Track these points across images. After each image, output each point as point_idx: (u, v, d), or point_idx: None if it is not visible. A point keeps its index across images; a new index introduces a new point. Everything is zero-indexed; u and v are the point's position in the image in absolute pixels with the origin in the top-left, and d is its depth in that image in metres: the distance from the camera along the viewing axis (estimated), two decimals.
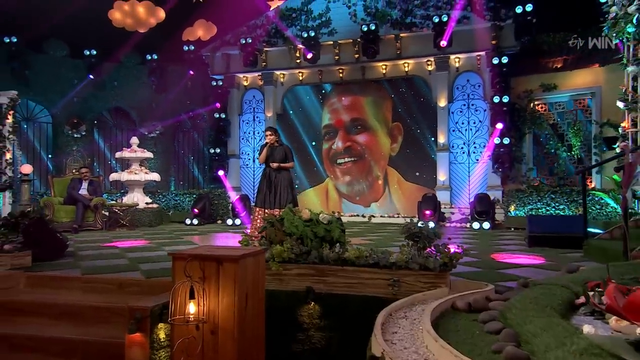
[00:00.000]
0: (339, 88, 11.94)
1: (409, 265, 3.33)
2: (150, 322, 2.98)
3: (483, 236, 7.59)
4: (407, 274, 3.33)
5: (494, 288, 3.13)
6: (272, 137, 7.08)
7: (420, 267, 3.30)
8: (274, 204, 6.95)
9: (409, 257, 3.41)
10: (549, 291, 2.73)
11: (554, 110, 10.20)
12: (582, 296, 2.75)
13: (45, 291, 4.31)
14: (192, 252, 2.92)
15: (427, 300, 3.00)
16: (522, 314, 2.30)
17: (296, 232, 4.01)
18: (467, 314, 2.67)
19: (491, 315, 2.46)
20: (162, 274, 4.24)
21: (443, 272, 3.26)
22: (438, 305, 2.57)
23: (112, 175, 10.16)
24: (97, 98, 12.23)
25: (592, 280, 3.05)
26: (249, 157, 12.75)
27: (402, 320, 2.53)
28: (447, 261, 3.26)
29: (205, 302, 2.79)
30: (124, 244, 6.68)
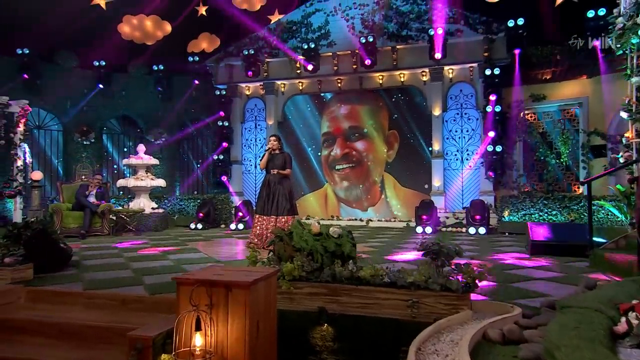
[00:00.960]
0: (338, 97, 11.51)
1: (429, 286, 2.89)
2: (153, 352, 2.52)
3: (482, 241, 7.17)
4: (426, 294, 2.90)
5: (521, 312, 2.71)
6: (275, 144, 6.65)
7: (441, 287, 2.86)
8: (272, 211, 6.51)
9: (427, 276, 2.97)
10: (586, 318, 2.30)
11: (543, 119, 9.82)
12: (621, 323, 2.34)
13: (46, 307, 3.83)
14: (199, 276, 2.46)
15: (453, 327, 2.57)
16: (574, 354, 1.87)
17: (306, 247, 3.56)
18: (503, 347, 2.24)
19: (534, 353, 2.02)
20: (166, 289, 3.78)
21: (465, 294, 2.82)
22: (471, 338, 2.13)
23: (120, 182, 9.66)
24: (106, 107, 11.73)
25: (619, 300, 2.64)
26: (251, 164, 12.28)
27: (433, 356, 2.09)
28: (470, 282, 2.83)
29: (213, 333, 2.34)
30: (129, 251, 6.20)
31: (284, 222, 6.48)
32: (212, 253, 6.01)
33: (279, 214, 6.48)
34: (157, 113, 12.13)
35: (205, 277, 2.45)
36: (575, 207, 7.67)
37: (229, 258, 5.60)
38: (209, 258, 5.57)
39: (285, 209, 6.52)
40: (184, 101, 12.25)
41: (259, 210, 6.65)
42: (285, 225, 6.43)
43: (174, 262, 5.25)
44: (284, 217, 6.49)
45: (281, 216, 6.48)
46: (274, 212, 6.48)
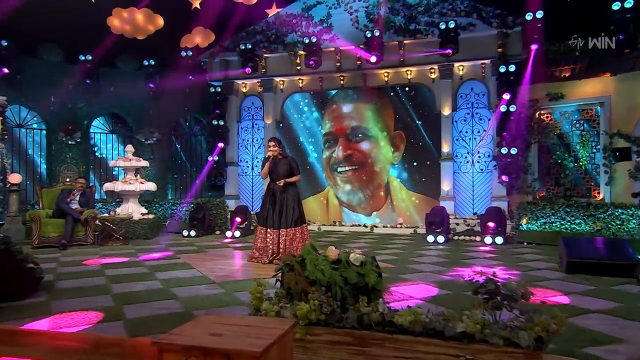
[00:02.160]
0: (340, 95, 10.83)
1: (488, 339, 2.23)
2: None
3: (503, 254, 6.53)
4: (484, 349, 2.24)
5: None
6: (276, 150, 5.96)
7: (505, 341, 2.20)
8: (279, 223, 5.84)
9: (481, 323, 2.31)
10: None
11: (561, 119, 9.21)
12: None
13: (5, 351, 3.15)
14: (189, 340, 1.78)
15: None
16: None
17: (322, 278, 2.89)
18: None
19: None
20: (150, 327, 3.10)
21: (538, 352, 2.16)
22: None
23: (106, 185, 8.92)
24: (93, 104, 10.95)
25: None
26: (247, 165, 11.58)
27: None
28: (543, 335, 2.17)
29: None
30: (111, 268, 5.49)
31: (292, 234, 5.82)
32: (207, 270, 5.32)
33: (287, 226, 5.81)
34: (148, 111, 11.38)
35: (197, 342, 1.77)
36: (602, 215, 7.05)
37: (226, 277, 4.91)
38: (202, 278, 4.88)
39: (293, 220, 5.85)
40: (177, 98, 11.51)
41: (261, 221, 5.98)
42: (294, 238, 5.78)
43: (162, 284, 4.56)
44: (292, 229, 5.83)
45: (289, 229, 5.81)
46: (282, 225, 5.81)
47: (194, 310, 3.57)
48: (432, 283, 4.53)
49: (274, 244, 5.83)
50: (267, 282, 4.27)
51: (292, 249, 5.82)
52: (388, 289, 3.45)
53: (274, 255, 5.80)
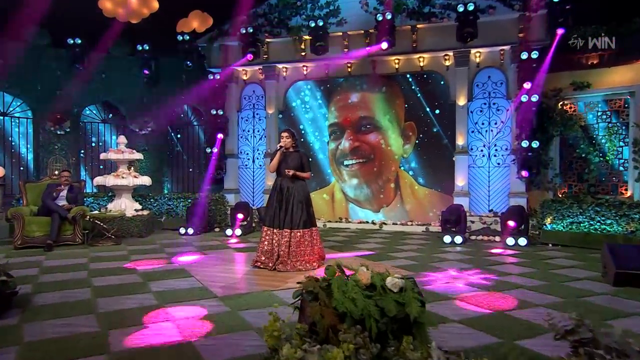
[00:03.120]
0: (347, 83, 10.19)
1: None
2: None
3: (530, 258, 5.97)
4: None
5: None
6: (289, 141, 5.38)
7: None
8: (285, 222, 5.26)
9: None
10: None
11: (585, 110, 8.61)
12: None
13: None
14: None
15: None
16: None
17: (354, 310, 2.32)
18: None
19: None
20: None
21: None
22: None
23: (97, 179, 8.30)
24: (82, 91, 10.28)
25: None
26: (248, 157, 10.96)
27: None
28: None
29: None
30: (98, 275, 4.90)
31: (300, 237, 5.25)
32: (207, 279, 4.74)
33: (293, 226, 5.24)
34: (142, 99, 10.72)
35: None
36: (637, 215, 6.49)
37: (229, 290, 4.33)
38: (202, 290, 4.30)
39: (301, 221, 5.28)
40: (173, 86, 10.86)
41: (267, 221, 5.39)
42: (302, 241, 5.21)
43: (155, 298, 3.98)
44: (300, 231, 5.25)
45: (296, 229, 5.24)
46: (287, 224, 5.24)
47: (194, 339, 2.99)
48: (467, 299, 3.97)
49: (279, 246, 5.26)
50: (274, 294, 3.74)
51: (298, 253, 5.25)
52: None
53: (277, 260, 5.23)
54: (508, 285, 4.46)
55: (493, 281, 4.64)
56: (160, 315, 3.53)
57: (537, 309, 3.63)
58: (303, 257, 5.28)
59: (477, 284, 4.52)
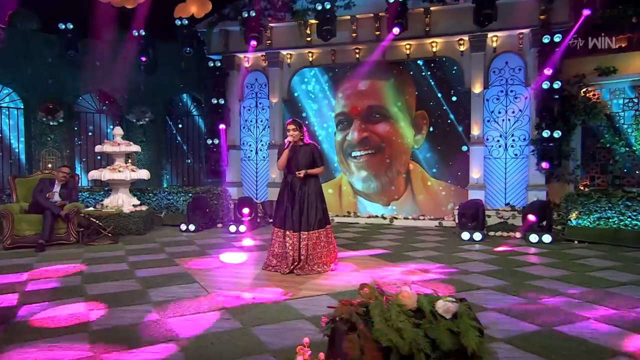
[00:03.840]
0: (355, 71, 9.68)
1: None
2: None
3: (560, 258, 5.55)
4: None
5: None
6: (297, 134, 4.92)
7: None
8: (298, 225, 4.83)
9: None
10: None
11: (610, 98, 8.14)
12: None
13: None
14: None
15: None
16: None
17: (401, 343, 1.89)
18: None
19: None
20: None
21: None
22: None
23: (92, 173, 7.84)
24: (76, 80, 9.78)
25: None
26: (250, 149, 10.49)
27: None
28: None
29: None
30: (92, 282, 4.47)
31: (316, 238, 4.83)
32: (213, 286, 4.31)
33: (309, 228, 4.81)
34: (140, 88, 10.22)
35: None
36: None
37: (240, 300, 3.91)
38: (212, 301, 3.87)
39: (317, 221, 4.85)
40: (172, 74, 10.36)
41: (278, 222, 4.96)
42: (318, 242, 4.80)
43: (156, 310, 3.55)
44: (316, 232, 4.83)
45: (313, 231, 4.82)
46: (304, 226, 4.81)
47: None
48: (507, 310, 3.55)
49: (294, 249, 4.83)
50: (289, 305, 3.30)
51: (315, 255, 4.83)
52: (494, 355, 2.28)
53: (295, 264, 4.81)
54: (547, 291, 4.04)
55: (524, 287, 4.22)
56: (161, 330, 3.11)
57: (589, 323, 3.21)
58: (320, 259, 4.87)
59: (522, 300, 4.11)
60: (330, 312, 2.14)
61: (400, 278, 4.55)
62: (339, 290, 4.10)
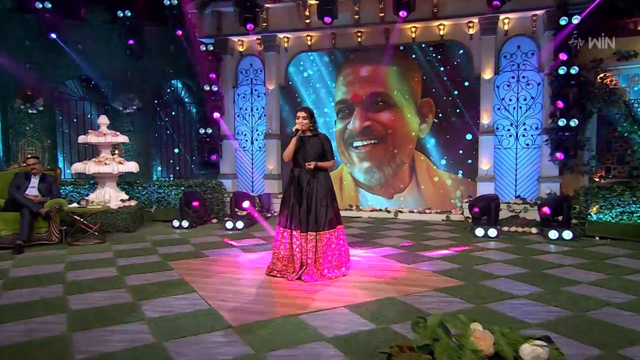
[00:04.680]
0: (357, 55, 9.15)
1: None
2: None
3: (591, 260, 5.16)
4: None
5: None
6: (306, 123, 4.43)
7: None
8: (309, 224, 4.36)
9: None
10: None
11: (629, 84, 7.73)
12: None
13: None
14: None
15: None
16: None
17: None
18: None
19: None
20: None
21: None
22: None
23: (75, 166, 7.25)
24: (57, 65, 9.09)
25: None
26: (246, 139, 9.94)
27: None
28: None
29: None
30: (74, 292, 3.95)
31: (327, 240, 4.36)
32: (213, 295, 3.82)
33: (318, 228, 4.34)
34: (126, 74, 9.56)
35: None
36: None
37: (244, 313, 3.43)
38: (210, 314, 3.38)
39: (327, 221, 4.38)
40: (160, 59, 9.71)
41: (283, 221, 4.47)
42: (328, 245, 4.33)
43: (150, 329, 3.06)
44: (327, 233, 4.37)
45: (323, 232, 4.35)
46: (312, 226, 4.33)
47: None
48: (562, 331, 3.13)
49: (302, 251, 4.36)
50: (303, 322, 2.72)
51: (325, 259, 4.37)
52: None
53: (303, 268, 4.35)
54: (590, 301, 3.63)
55: (563, 296, 3.81)
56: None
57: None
58: (331, 263, 4.40)
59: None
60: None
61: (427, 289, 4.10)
62: (359, 302, 3.64)
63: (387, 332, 3.00)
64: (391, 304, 3.59)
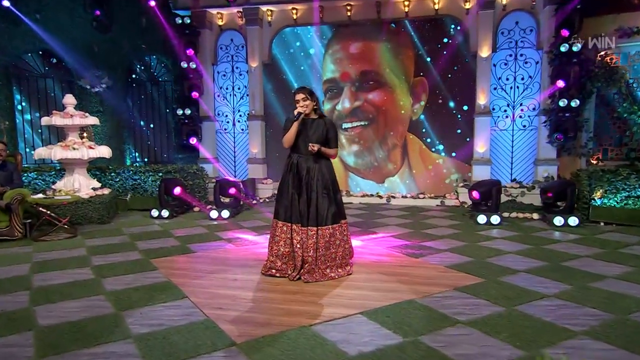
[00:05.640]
0: (346, 31, 8.62)
1: None
2: None
3: (606, 248, 4.92)
4: None
5: None
6: (308, 104, 3.93)
7: None
8: (309, 218, 3.92)
9: None
10: None
11: (629, 62, 7.50)
12: None
13: None
14: None
15: None
16: None
17: None
18: None
19: None
20: None
21: None
22: None
23: (39, 152, 6.52)
24: (12, 36, 8.21)
25: None
26: (227, 120, 9.33)
27: None
28: None
29: None
30: (42, 303, 3.41)
31: (329, 235, 3.93)
32: (208, 303, 3.35)
33: (320, 222, 3.90)
34: (92, 48, 8.75)
35: None
36: None
37: (249, 325, 2.99)
38: (207, 326, 2.92)
39: (329, 214, 3.94)
40: (131, 33, 8.92)
41: (282, 214, 4.01)
42: (331, 241, 3.91)
43: (140, 353, 2.58)
44: (329, 228, 3.93)
45: (324, 227, 3.91)
46: (312, 220, 3.88)
47: None
48: (615, 341, 2.81)
49: (303, 248, 3.92)
50: (316, 333, 2.61)
51: (328, 257, 3.94)
52: None
53: (305, 266, 3.91)
54: (625, 300, 3.34)
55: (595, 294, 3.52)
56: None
57: None
58: (334, 261, 3.98)
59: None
60: None
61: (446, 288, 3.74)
62: (375, 306, 3.24)
63: (418, 347, 2.61)
64: (412, 308, 3.21)
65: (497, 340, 2.67)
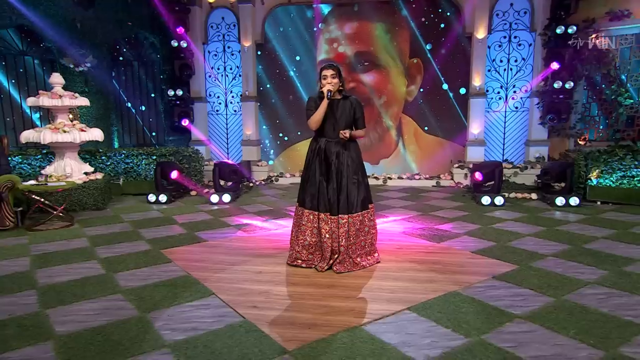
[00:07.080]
0: (341, 10, 8.09)
1: None
2: None
3: (615, 228, 4.76)
4: None
5: None
6: (336, 82, 3.49)
7: None
8: (340, 206, 3.52)
9: None
10: None
11: (617, 45, 7.33)
12: None
13: None
14: None
15: None
16: None
17: None
18: None
19: None
20: None
21: None
22: None
23: (25, 134, 5.78)
24: None
25: None
26: (219, 101, 8.71)
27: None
28: None
29: None
30: (46, 297, 2.92)
31: (360, 222, 3.56)
32: (239, 301, 2.94)
33: (351, 210, 3.52)
34: (75, 24, 7.87)
35: None
36: None
37: (292, 327, 2.61)
38: (249, 331, 2.52)
39: (359, 201, 3.57)
40: (116, 8, 8.08)
41: (307, 202, 3.60)
42: (361, 228, 3.55)
43: None
44: (359, 215, 3.56)
45: (355, 214, 3.53)
46: (343, 208, 3.50)
47: None
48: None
49: (332, 238, 3.54)
50: (370, 334, 2.23)
51: (358, 245, 3.59)
52: None
53: (335, 257, 3.55)
54: None
55: (636, 279, 3.31)
56: None
57: None
58: (364, 249, 3.63)
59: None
60: None
61: (484, 277, 3.46)
62: (420, 300, 2.92)
63: (487, 349, 2.30)
64: (459, 301, 2.90)
65: (567, 338, 2.39)
